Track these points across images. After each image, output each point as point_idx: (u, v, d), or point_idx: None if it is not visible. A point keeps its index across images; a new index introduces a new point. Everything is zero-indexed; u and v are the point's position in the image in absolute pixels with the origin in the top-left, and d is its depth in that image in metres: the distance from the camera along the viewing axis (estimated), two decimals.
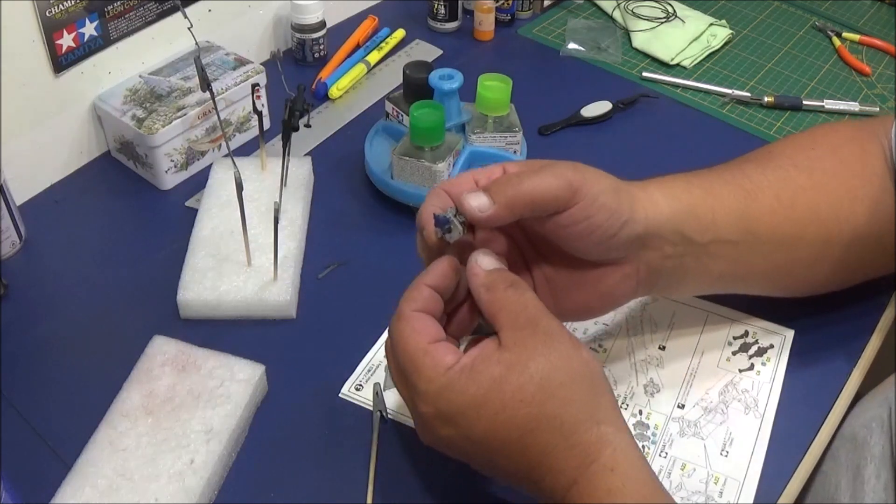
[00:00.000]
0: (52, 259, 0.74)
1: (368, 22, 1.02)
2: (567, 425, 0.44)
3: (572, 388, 0.45)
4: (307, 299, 0.70)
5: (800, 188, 0.58)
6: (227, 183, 0.75)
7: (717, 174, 0.58)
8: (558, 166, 0.49)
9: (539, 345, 0.45)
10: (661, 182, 0.55)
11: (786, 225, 0.57)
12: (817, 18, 1.10)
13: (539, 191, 0.47)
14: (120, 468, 0.54)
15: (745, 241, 0.56)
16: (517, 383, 0.44)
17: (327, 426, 0.60)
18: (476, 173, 0.52)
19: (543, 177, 0.48)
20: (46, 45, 0.74)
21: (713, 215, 0.55)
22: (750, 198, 0.56)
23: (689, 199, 0.54)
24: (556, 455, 0.44)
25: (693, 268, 0.56)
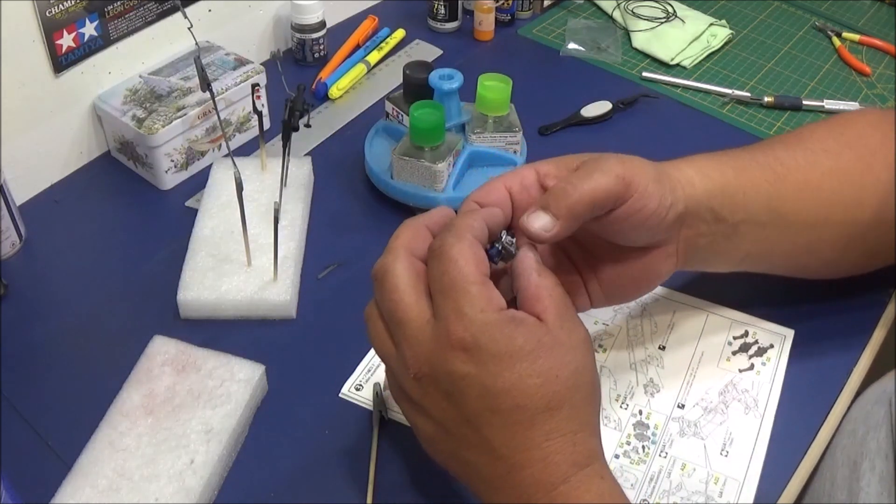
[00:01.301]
0: (52, 259, 0.74)
1: (368, 22, 1.02)
2: (581, 422, 0.44)
3: (593, 392, 0.46)
4: (307, 299, 0.70)
5: (827, 171, 0.58)
6: (227, 183, 0.75)
7: (749, 154, 0.58)
8: (603, 161, 0.48)
9: (580, 339, 0.45)
10: (693, 161, 0.55)
11: (812, 207, 0.58)
12: (817, 18, 1.10)
13: (596, 194, 0.47)
14: (120, 468, 0.54)
15: (773, 222, 0.57)
16: (560, 360, 0.43)
17: (327, 426, 0.60)
18: (507, 180, 0.50)
19: (596, 178, 0.47)
20: (46, 45, 0.74)
21: (744, 195, 0.55)
22: (779, 180, 0.57)
23: (721, 178, 0.55)
24: (560, 445, 0.43)
25: (723, 246, 0.57)
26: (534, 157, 0.80)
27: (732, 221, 0.55)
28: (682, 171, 0.53)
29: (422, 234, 0.48)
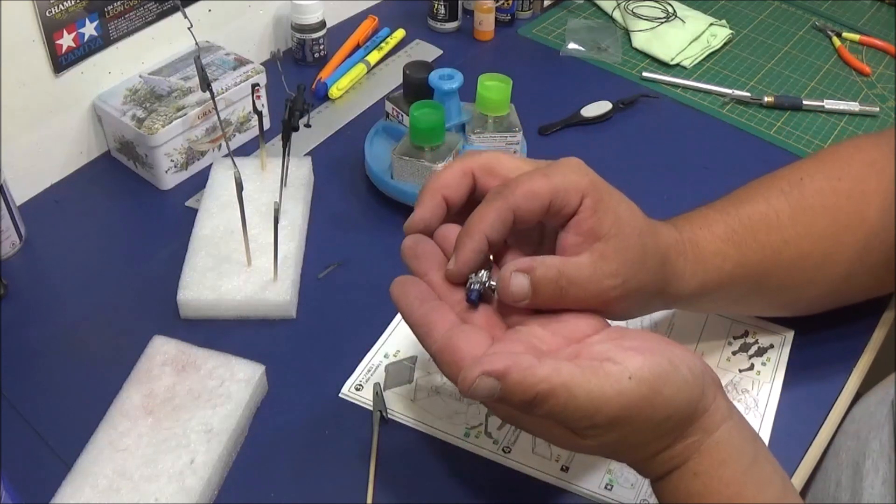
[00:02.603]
0: (52, 259, 0.74)
1: (368, 22, 1.02)
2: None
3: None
4: (307, 299, 0.70)
5: (819, 236, 0.58)
6: (227, 183, 0.75)
7: (752, 235, 0.56)
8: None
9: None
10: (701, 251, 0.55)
11: (797, 273, 0.58)
12: (817, 18, 1.10)
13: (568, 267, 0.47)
14: (120, 468, 0.54)
15: (754, 291, 0.59)
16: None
17: (327, 426, 0.60)
18: (467, 163, 0.50)
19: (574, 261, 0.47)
20: (46, 45, 0.74)
21: (730, 280, 0.56)
22: (775, 254, 0.57)
23: (721, 268, 0.55)
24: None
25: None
26: (534, 157, 0.80)
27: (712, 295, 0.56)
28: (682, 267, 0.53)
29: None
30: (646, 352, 0.42)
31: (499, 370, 0.40)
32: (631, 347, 0.43)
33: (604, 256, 0.46)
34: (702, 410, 0.44)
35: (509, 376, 0.40)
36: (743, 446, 0.45)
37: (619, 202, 0.48)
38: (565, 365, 0.41)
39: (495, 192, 0.47)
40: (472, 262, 0.47)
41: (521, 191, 0.46)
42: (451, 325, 0.45)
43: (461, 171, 0.49)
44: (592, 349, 0.44)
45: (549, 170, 0.47)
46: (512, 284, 0.46)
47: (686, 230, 0.54)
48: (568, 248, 0.47)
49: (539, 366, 0.41)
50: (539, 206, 0.46)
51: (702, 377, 0.44)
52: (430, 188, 0.49)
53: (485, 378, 0.40)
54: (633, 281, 0.47)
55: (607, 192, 0.47)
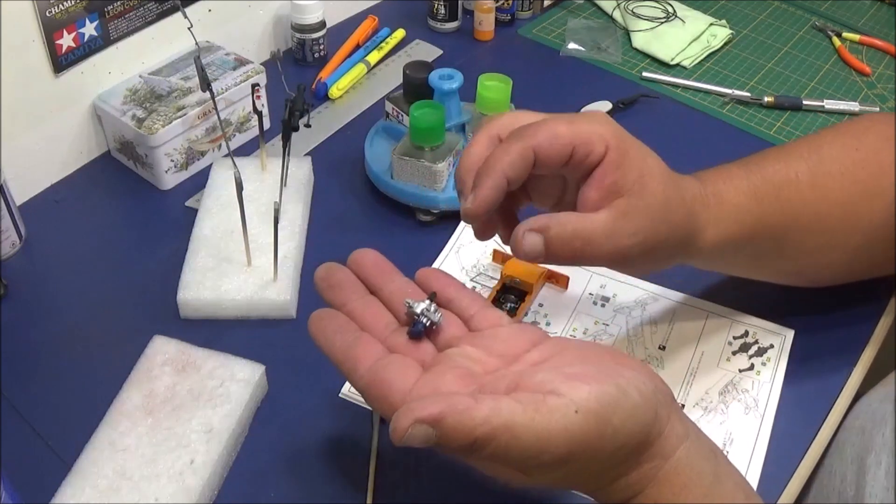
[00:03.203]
0: (52, 259, 0.74)
1: (368, 22, 1.02)
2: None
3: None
4: (307, 299, 0.69)
5: (834, 202, 0.58)
6: (227, 183, 0.75)
7: (775, 191, 0.56)
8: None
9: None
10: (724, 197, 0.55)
11: (812, 237, 0.58)
12: (817, 18, 1.10)
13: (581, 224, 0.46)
14: (120, 468, 0.54)
15: (771, 250, 0.58)
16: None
17: (327, 426, 0.60)
18: (488, 129, 0.48)
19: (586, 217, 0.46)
20: (46, 45, 0.74)
21: (752, 238, 0.56)
22: (794, 217, 0.57)
23: (745, 221, 0.55)
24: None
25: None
26: None
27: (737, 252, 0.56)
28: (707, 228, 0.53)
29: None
30: (591, 379, 0.40)
31: (432, 416, 0.37)
32: (574, 375, 0.40)
33: (625, 214, 0.45)
34: (656, 434, 0.42)
35: (444, 421, 0.37)
36: (703, 466, 0.43)
37: (645, 156, 0.47)
38: (505, 403, 0.38)
39: (517, 133, 0.45)
40: (490, 200, 0.45)
41: (543, 132, 0.45)
42: (376, 358, 0.43)
43: (486, 141, 0.47)
44: (533, 379, 0.41)
45: (574, 117, 0.46)
46: (525, 243, 0.44)
47: (710, 183, 0.53)
48: (588, 203, 0.45)
49: (476, 407, 0.38)
50: (562, 149, 0.44)
51: (653, 398, 0.41)
52: (475, 169, 0.46)
53: (418, 426, 0.38)
54: (653, 238, 0.46)
55: (633, 145, 0.46)
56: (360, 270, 0.49)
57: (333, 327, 0.46)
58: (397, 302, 0.48)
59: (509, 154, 0.44)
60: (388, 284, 0.49)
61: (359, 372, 0.43)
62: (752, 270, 0.64)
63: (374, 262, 0.49)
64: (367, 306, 0.47)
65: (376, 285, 0.49)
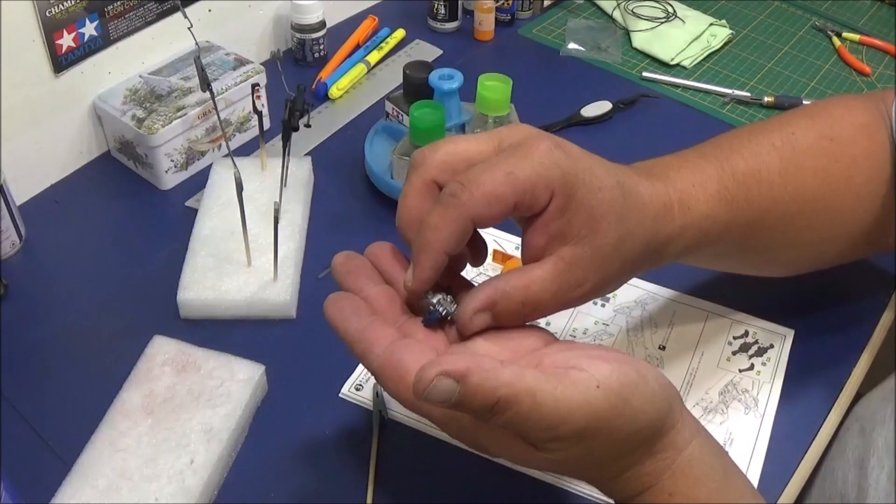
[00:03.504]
0: (52, 259, 0.74)
1: (368, 22, 1.02)
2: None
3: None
4: (307, 299, 0.69)
5: (809, 198, 0.56)
6: (227, 183, 0.75)
7: (744, 189, 0.54)
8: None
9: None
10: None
11: (782, 235, 0.57)
12: (817, 18, 1.10)
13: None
14: (120, 468, 0.54)
15: (740, 249, 0.57)
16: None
17: (327, 426, 0.60)
18: (422, 173, 0.45)
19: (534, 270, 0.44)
20: (46, 45, 0.74)
21: (723, 232, 0.54)
22: (762, 215, 0.55)
23: (713, 217, 0.52)
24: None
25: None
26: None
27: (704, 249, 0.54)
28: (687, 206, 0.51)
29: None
30: (612, 360, 0.40)
31: (459, 370, 0.37)
32: (597, 356, 0.40)
33: (570, 265, 0.43)
34: (670, 425, 0.42)
35: (470, 378, 0.37)
36: (714, 462, 0.43)
37: (595, 192, 0.43)
38: (529, 371, 0.38)
39: (450, 195, 0.42)
40: (430, 280, 0.44)
41: (480, 196, 0.42)
42: (391, 340, 0.43)
43: (422, 188, 0.44)
44: (555, 357, 0.40)
45: (514, 162, 0.42)
46: (475, 325, 0.43)
47: (677, 186, 0.51)
48: (533, 249, 0.44)
49: (502, 369, 0.38)
50: (502, 210, 0.42)
51: (669, 389, 0.42)
52: (415, 225, 0.44)
53: (443, 378, 0.37)
54: (603, 280, 0.44)
55: (582, 185, 0.43)
56: (376, 262, 0.48)
57: (351, 309, 0.45)
58: None
59: (445, 230, 0.42)
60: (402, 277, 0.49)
61: (374, 352, 0.42)
62: (715, 265, 0.63)
63: (390, 255, 0.49)
64: (382, 294, 0.47)
65: (392, 277, 0.49)
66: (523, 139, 0.44)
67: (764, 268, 0.63)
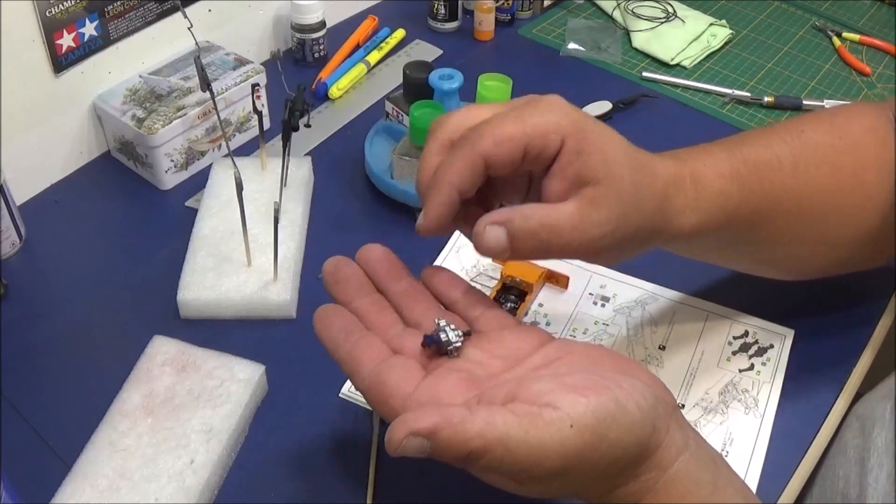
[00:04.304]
0: (52, 259, 0.74)
1: (368, 22, 1.02)
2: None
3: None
4: (307, 299, 0.69)
5: (818, 192, 0.56)
6: (227, 183, 0.75)
7: (757, 175, 0.54)
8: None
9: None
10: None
11: (794, 229, 0.57)
12: (817, 18, 1.10)
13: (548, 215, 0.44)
14: (120, 468, 0.54)
15: (753, 242, 0.57)
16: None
17: (327, 426, 0.60)
18: (439, 136, 0.45)
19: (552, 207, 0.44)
20: (46, 45, 0.74)
21: (736, 225, 0.54)
22: (774, 205, 0.55)
23: (725, 204, 0.52)
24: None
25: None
26: None
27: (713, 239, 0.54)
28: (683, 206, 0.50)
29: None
30: (589, 391, 0.39)
31: (427, 429, 0.37)
32: (573, 386, 0.40)
33: (592, 202, 0.43)
34: (654, 447, 0.41)
35: (439, 434, 0.37)
36: (701, 476, 0.43)
37: (607, 140, 0.44)
38: (500, 415, 0.38)
39: (463, 139, 0.43)
40: (442, 216, 0.43)
41: (490, 136, 0.42)
42: (378, 360, 0.43)
43: (439, 149, 0.45)
44: (531, 389, 0.40)
45: (523, 110, 0.43)
46: (487, 238, 0.42)
47: (688, 163, 0.51)
48: (552, 195, 0.43)
49: (471, 420, 0.38)
50: (513, 151, 0.42)
51: (652, 412, 0.41)
52: (425, 182, 0.45)
53: (413, 438, 0.38)
54: (625, 227, 0.44)
55: (593, 131, 0.43)
56: (367, 267, 0.48)
57: (338, 325, 0.45)
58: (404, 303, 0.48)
59: (456, 166, 0.43)
60: (394, 284, 0.49)
61: (360, 374, 0.43)
62: (725, 257, 0.62)
63: (381, 259, 0.49)
64: (372, 305, 0.47)
65: (383, 284, 0.48)
66: (532, 98, 0.45)
67: (771, 266, 0.63)
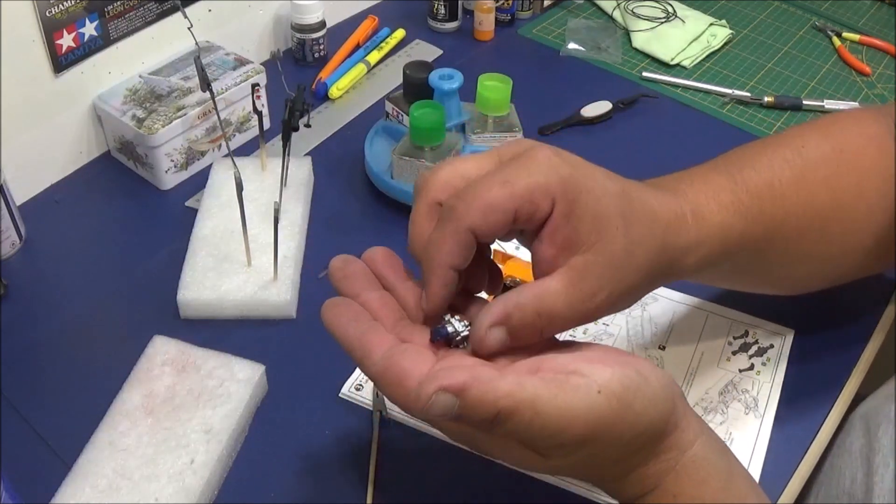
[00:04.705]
0: (52, 259, 0.74)
1: (368, 22, 1.02)
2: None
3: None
4: (307, 299, 0.69)
5: (820, 209, 0.56)
6: (227, 183, 0.75)
7: (758, 201, 0.53)
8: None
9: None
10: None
11: (796, 246, 0.56)
12: (817, 18, 1.10)
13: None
14: (120, 468, 0.54)
15: (753, 262, 0.56)
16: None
17: (327, 426, 0.60)
18: (426, 197, 0.45)
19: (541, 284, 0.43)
20: (46, 45, 0.74)
21: (738, 248, 0.53)
22: (777, 227, 0.54)
23: (726, 233, 0.51)
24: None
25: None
26: None
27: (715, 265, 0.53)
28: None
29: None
30: (613, 363, 0.39)
31: (457, 385, 0.37)
32: (596, 359, 0.40)
33: (582, 275, 0.42)
34: (673, 426, 0.41)
35: (469, 392, 0.37)
36: (718, 462, 0.43)
37: (599, 197, 0.43)
38: (529, 379, 0.38)
39: (450, 210, 0.42)
40: (442, 297, 0.43)
41: (477, 208, 0.41)
42: (390, 345, 0.42)
43: (427, 210, 0.44)
44: (555, 361, 0.40)
45: (510, 172, 0.42)
46: (489, 341, 0.42)
47: (689, 196, 0.50)
48: (543, 261, 0.43)
49: (501, 379, 0.37)
50: (501, 220, 0.41)
51: (671, 388, 0.41)
52: (418, 251, 0.45)
53: (442, 394, 0.37)
54: (619, 289, 0.43)
55: (584, 189, 0.42)
56: (373, 266, 0.48)
57: (348, 315, 0.45)
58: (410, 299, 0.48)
59: (447, 245, 0.42)
60: (401, 284, 0.49)
61: (373, 358, 0.42)
62: (728, 282, 0.63)
63: (387, 259, 0.48)
64: (379, 300, 0.47)
65: (389, 282, 0.48)
66: (522, 151, 0.43)
67: (778, 285, 0.63)
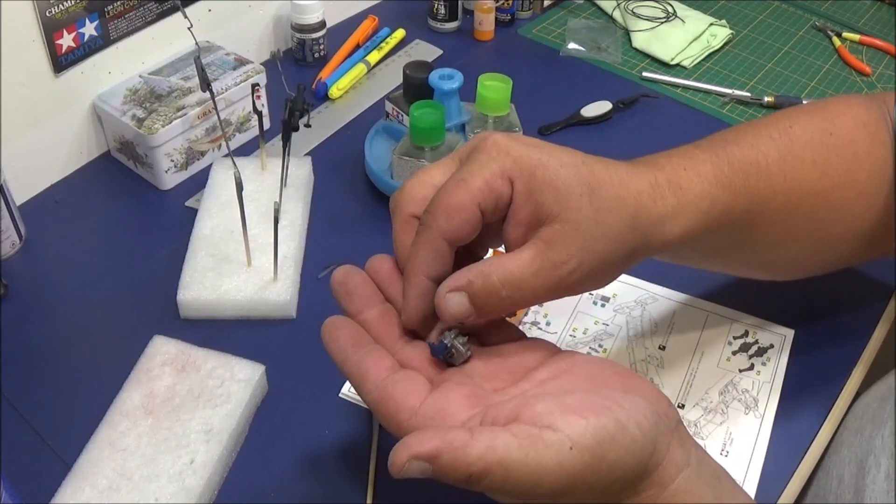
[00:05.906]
0: (52, 259, 0.74)
1: (368, 22, 1.02)
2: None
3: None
4: (307, 299, 0.70)
5: (809, 191, 0.55)
6: (227, 183, 0.75)
7: (743, 178, 0.52)
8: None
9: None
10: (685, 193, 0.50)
11: (783, 227, 0.55)
12: (817, 18, 1.10)
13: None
14: (120, 468, 0.54)
15: (742, 241, 0.55)
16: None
17: (327, 426, 0.60)
18: (401, 213, 0.46)
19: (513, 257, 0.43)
20: (46, 45, 0.74)
21: (729, 225, 0.52)
22: (763, 203, 0.53)
23: (710, 210, 0.50)
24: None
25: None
26: None
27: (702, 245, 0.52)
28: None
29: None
30: (589, 412, 0.39)
31: (428, 453, 0.38)
32: (573, 407, 0.40)
33: (550, 243, 0.42)
34: (654, 466, 0.41)
35: (440, 458, 0.38)
36: (702, 493, 0.43)
37: (557, 171, 0.42)
38: (501, 438, 0.39)
39: (420, 223, 0.43)
40: (419, 308, 0.44)
41: (441, 213, 0.42)
42: (386, 373, 0.43)
43: (404, 226, 0.45)
44: (533, 410, 0.40)
45: (465, 169, 0.42)
46: (448, 306, 0.42)
47: (666, 169, 0.49)
48: (512, 242, 0.43)
49: (472, 444, 0.38)
50: (467, 219, 0.42)
51: (653, 431, 0.41)
52: (403, 272, 0.45)
53: (414, 461, 0.39)
54: (592, 257, 0.43)
55: (539, 164, 0.42)
56: (376, 277, 0.48)
57: (346, 338, 0.45)
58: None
59: (420, 256, 0.43)
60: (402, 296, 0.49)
61: (367, 387, 0.44)
62: (717, 263, 0.61)
63: (391, 269, 0.48)
64: (381, 317, 0.47)
65: (392, 294, 0.48)
66: (476, 144, 0.44)
67: (765, 268, 0.62)
